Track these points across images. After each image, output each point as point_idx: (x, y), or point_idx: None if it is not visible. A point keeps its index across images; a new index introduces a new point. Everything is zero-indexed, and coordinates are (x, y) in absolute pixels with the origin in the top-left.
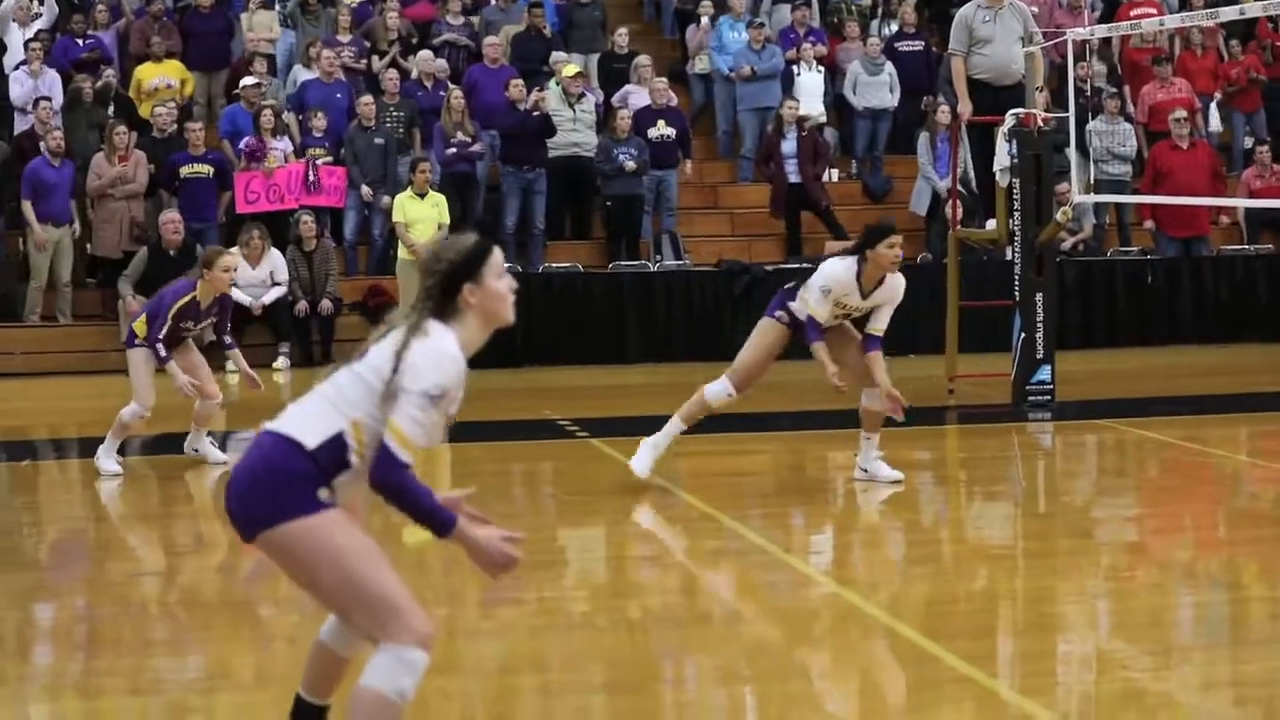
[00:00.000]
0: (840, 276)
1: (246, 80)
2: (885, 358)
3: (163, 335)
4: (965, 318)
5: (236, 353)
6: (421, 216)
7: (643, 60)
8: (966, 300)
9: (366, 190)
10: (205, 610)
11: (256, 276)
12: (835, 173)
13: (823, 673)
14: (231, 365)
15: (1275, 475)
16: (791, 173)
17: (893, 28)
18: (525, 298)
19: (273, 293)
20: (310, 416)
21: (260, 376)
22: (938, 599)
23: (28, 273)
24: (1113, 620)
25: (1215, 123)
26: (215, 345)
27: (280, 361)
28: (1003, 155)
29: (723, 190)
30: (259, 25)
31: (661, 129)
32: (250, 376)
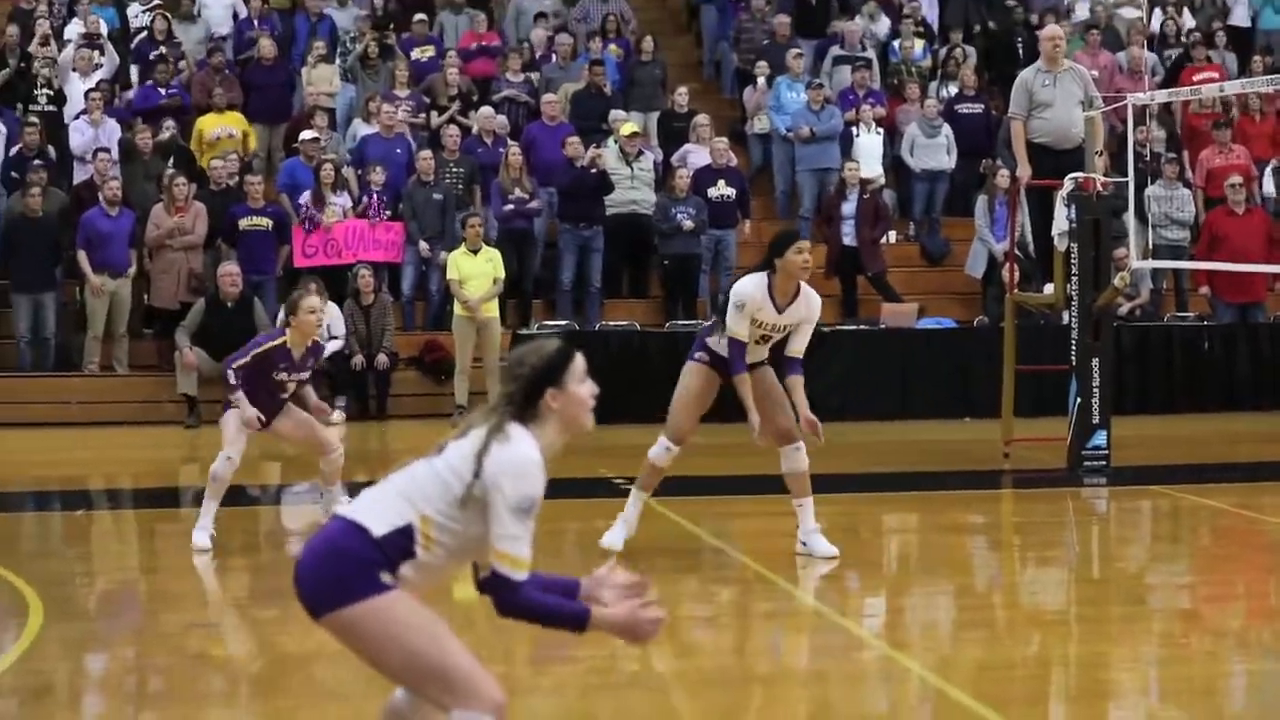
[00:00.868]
0: (750, 291)
1: (305, 134)
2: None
3: (238, 365)
4: (1021, 382)
5: (308, 389)
6: (476, 273)
7: (701, 120)
8: (1022, 364)
9: (424, 246)
10: (257, 664)
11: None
12: (893, 234)
13: None
14: (337, 416)
15: None
16: (847, 235)
17: (951, 90)
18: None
19: (330, 346)
20: (381, 505)
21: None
22: (990, 664)
23: (85, 322)
24: (1166, 688)
25: (1270, 188)
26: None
27: (336, 415)
28: (1061, 219)
29: None
30: (319, 79)
31: (721, 189)
32: (320, 407)
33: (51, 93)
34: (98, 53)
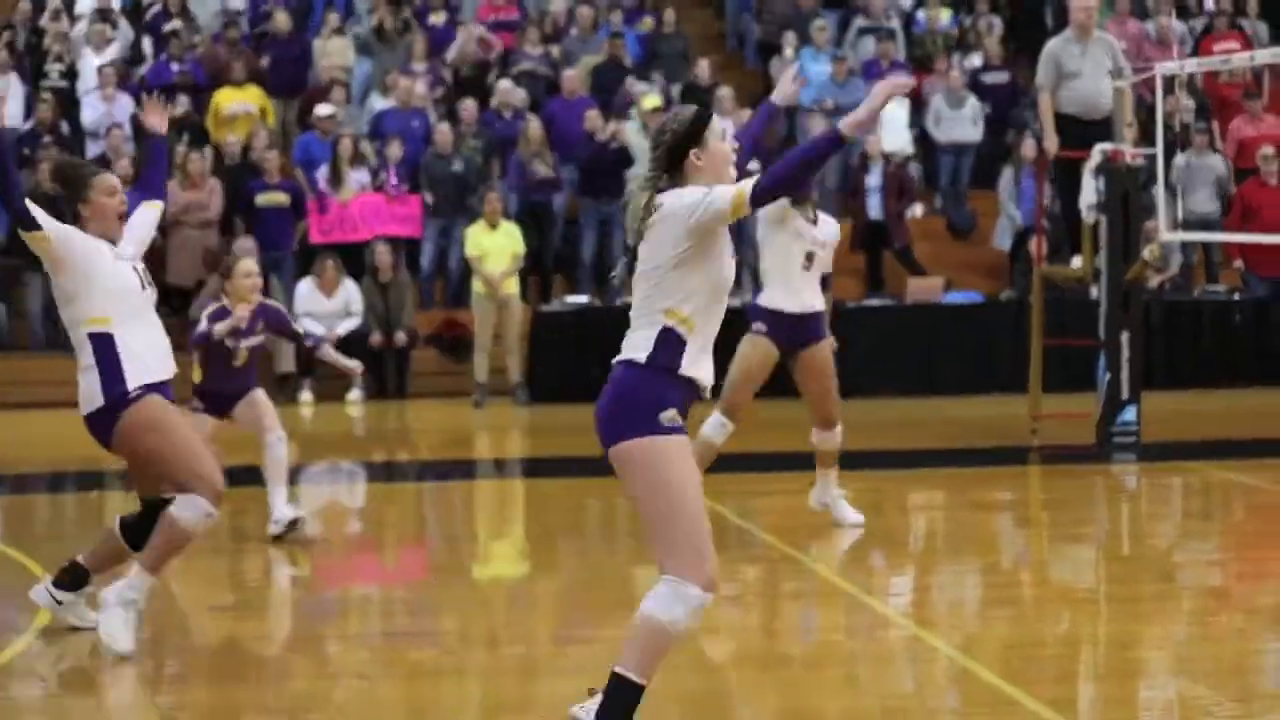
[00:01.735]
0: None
1: (321, 109)
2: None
3: (199, 331)
4: (1049, 356)
5: (326, 347)
6: (495, 248)
7: (725, 92)
8: (1050, 338)
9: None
10: (273, 645)
11: (331, 307)
12: (919, 208)
13: (902, 715)
14: (305, 397)
15: None
16: (873, 208)
17: (977, 61)
18: (602, 331)
19: (347, 323)
20: (634, 336)
21: (333, 410)
22: (1018, 642)
23: None
24: (1196, 666)
25: None
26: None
27: (354, 394)
28: (1089, 191)
29: None
30: (333, 52)
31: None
32: (349, 367)
33: (63, 68)
34: (110, 27)
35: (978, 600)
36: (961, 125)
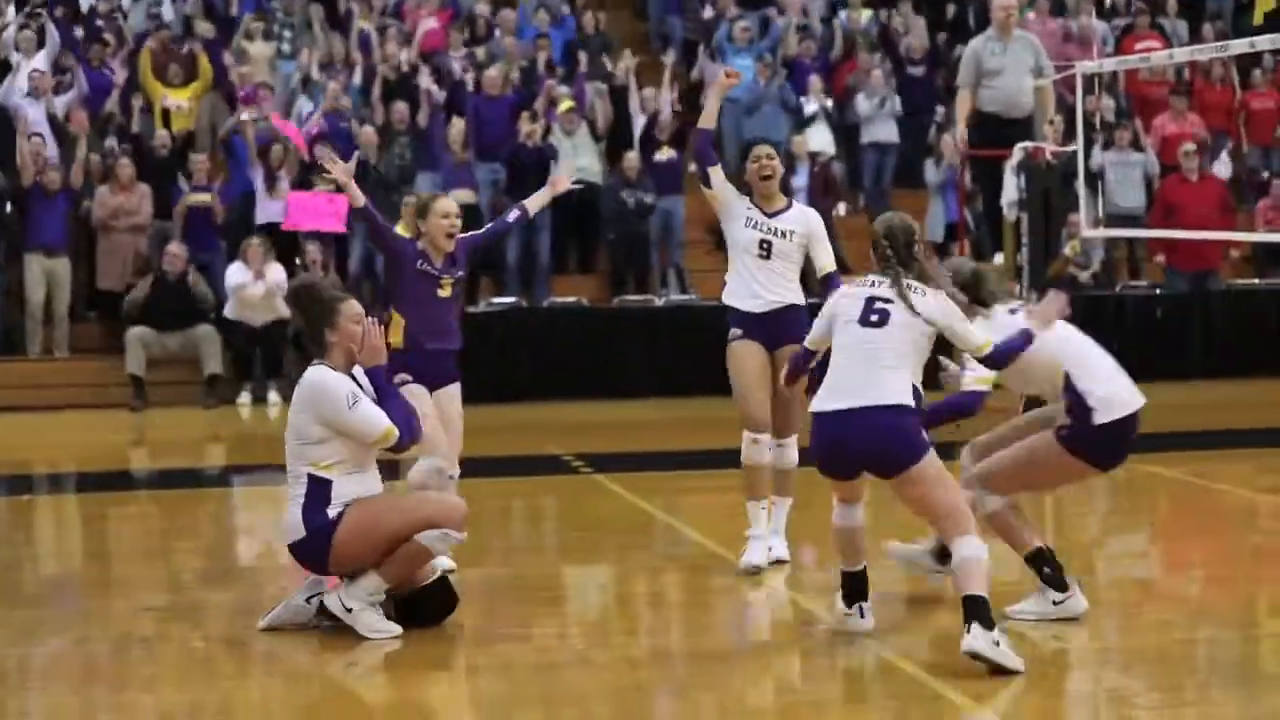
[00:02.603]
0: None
1: (243, 114)
2: None
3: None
4: None
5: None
6: None
7: (648, 93)
8: None
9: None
10: (207, 645)
11: (260, 290)
12: (843, 207)
13: (827, 708)
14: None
15: None
16: None
17: (899, 60)
18: (529, 332)
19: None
20: (898, 388)
21: (250, 411)
22: (944, 636)
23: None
24: (1120, 658)
25: (1223, 170)
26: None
27: (273, 396)
28: (1010, 189)
29: None
30: (259, 56)
31: (666, 153)
32: (356, 193)
33: None
34: (39, 32)
35: (906, 595)
36: (885, 125)
